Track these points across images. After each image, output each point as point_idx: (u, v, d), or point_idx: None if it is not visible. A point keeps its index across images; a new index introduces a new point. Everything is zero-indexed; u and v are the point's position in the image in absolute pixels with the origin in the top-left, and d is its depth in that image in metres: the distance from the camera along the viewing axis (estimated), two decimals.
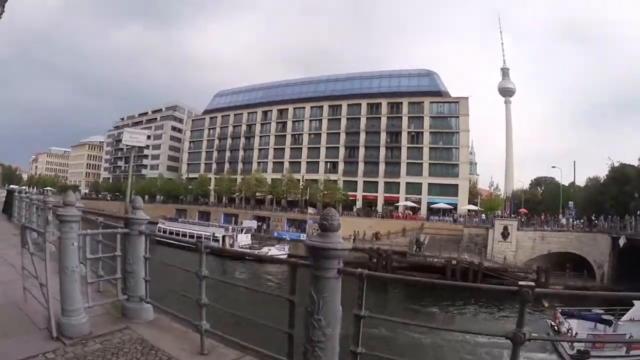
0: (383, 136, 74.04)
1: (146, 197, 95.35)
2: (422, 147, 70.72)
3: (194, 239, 49.26)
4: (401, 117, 73.07)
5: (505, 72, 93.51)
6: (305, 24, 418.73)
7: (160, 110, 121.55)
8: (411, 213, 64.65)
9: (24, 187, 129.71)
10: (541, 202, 74.91)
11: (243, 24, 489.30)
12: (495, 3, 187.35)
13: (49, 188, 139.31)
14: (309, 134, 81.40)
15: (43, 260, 4.74)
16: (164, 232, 57.06)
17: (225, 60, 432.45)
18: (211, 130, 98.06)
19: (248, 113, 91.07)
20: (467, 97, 70.81)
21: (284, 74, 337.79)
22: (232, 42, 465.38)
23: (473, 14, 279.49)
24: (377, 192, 72.66)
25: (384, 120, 74.02)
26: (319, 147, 79.26)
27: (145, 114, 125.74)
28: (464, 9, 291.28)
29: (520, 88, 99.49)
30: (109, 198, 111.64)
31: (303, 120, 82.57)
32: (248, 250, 48.23)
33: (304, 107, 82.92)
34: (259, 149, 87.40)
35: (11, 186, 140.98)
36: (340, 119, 78.20)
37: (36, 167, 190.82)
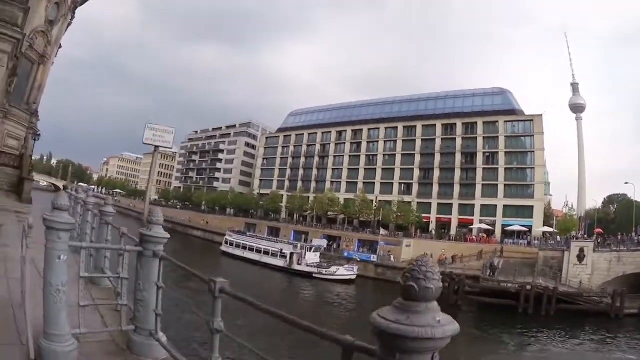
0: (458, 157, 74.77)
1: (217, 208, 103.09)
2: (498, 168, 71.12)
3: (260, 253, 54.94)
4: (476, 137, 73.60)
5: (575, 87, 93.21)
6: (375, 47, 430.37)
7: (234, 126, 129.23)
8: (485, 236, 64.98)
9: (92, 187, 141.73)
10: (613, 220, 73.68)
11: (317, 47, 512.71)
12: (560, 16, 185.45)
13: (118, 190, 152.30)
14: (384, 155, 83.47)
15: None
16: (231, 244, 62.16)
17: (298, 82, 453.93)
18: (285, 148, 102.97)
19: (322, 132, 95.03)
20: (541, 115, 70.51)
21: (355, 95, 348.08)
22: (305, 64, 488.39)
23: (537, 29, 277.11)
24: (451, 214, 73.42)
25: (459, 141, 74.87)
26: (394, 168, 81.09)
27: (220, 128, 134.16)
28: (527, 24, 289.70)
29: (589, 102, 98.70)
30: (178, 207, 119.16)
31: (377, 141, 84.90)
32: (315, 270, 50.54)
33: (379, 128, 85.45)
34: (333, 169, 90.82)
35: (80, 184, 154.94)
36: (415, 140, 79.76)
37: (107, 169, 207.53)
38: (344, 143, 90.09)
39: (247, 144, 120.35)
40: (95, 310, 5.39)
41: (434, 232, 70.65)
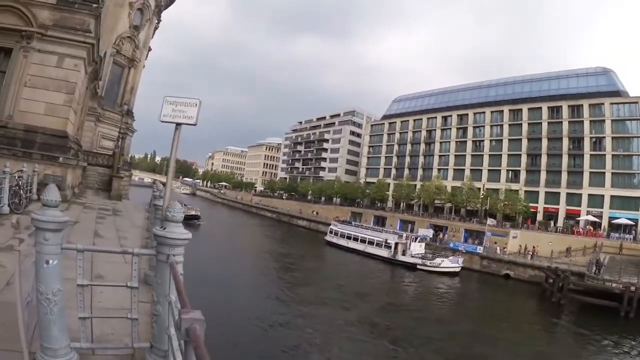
0: (565, 142, 74.15)
1: (323, 198, 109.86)
2: (605, 155, 69.72)
3: (365, 243, 59.81)
4: (582, 121, 71.96)
5: None
6: (477, 29, 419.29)
7: (338, 115, 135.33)
8: (592, 229, 63.99)
9: (197, 181, 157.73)
10: None
11: (416, 32, 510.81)
12: None
13: (223, 183, 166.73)
14: (490, 140, 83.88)
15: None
16: (335, 234, 66.47)
17: (400, 68, 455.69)
18: (390, 136, 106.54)
19: (427, 118, 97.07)
20: None
21: (457, 79, 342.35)
22: (406, 51, 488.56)
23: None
24: (558, 204, 73.07)
25: (565, 125, 74.28)
26: (501, 155, 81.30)
27: (324, 118, 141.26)
28: None
29: None
30: (284, 197, 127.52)
31: (484, 126, 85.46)
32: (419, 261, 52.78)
33: (484, 112, 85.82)
34: (440, 156, 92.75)
35: (185, 179, 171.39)
36: (521, 124, 79.27)
37: (212, 163, 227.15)
38: (450, 129, 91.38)
39: (352, 132, 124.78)
40: (106, 322, 5.16)
41: (539, 223, 70.60)
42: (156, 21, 47.91)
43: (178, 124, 7.49)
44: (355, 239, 62.32)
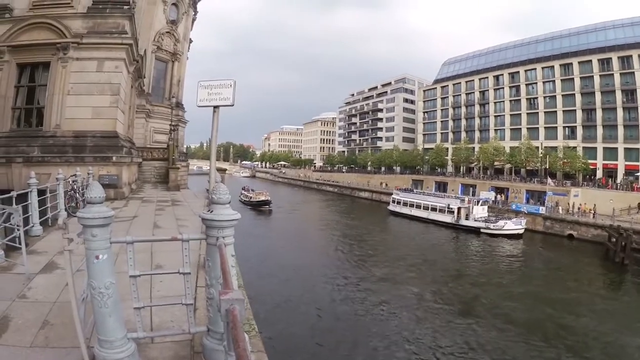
0: (618, 95, 72.59)
1: (383, 168, 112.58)
2: None
3: (428, 210, 62.40)
4: (633, 72, 70.12)
5: None
6: None
7: (390, 83, 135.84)
8: None
9: (255, 163, 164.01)
10: None
11: None
12: None
13: (282, 162, 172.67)
14: (544, 97, 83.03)
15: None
16: (398, 203, 68.44)
17: (443, 31, 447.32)
18: (444, 100, 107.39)
19: (479, 79, 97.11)
20: None
21: (504, 37, 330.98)
22: (448, 11, 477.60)
23: None
24: (617, 159, 72.25)
25: (617, 78, 72.63)
26: (555, 111, 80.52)
27: (375, 88, 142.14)
28: None
29: None
30: (343, 170, 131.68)
31: (536, 83, 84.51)
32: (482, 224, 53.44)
33: (535, 69, 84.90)
34: (495, 116, 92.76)
35: (244, 162, 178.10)
36: (572, 78, 78.10)
37: (269, 144, 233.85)
38: (502, 88, 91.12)
39: (405, 100, 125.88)
40: (167, 309, 5.60)
41: (598, 180, 69.91)
42: (193, 13, 49.47)
43: (215, 107, 7.79)
44: (418, 207, 63.96)
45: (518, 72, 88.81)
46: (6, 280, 7.61)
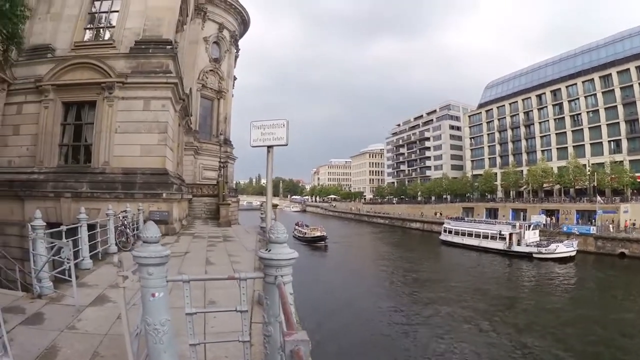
0: None
1: (433, 197, 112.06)
2: None
3: (480, 238, 61.41)
4: None
5: None
6: None
7: (435, 111, 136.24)
8: None
9: (305, 197, 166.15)
10: None
11: (490, 13, 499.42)
12: None
13: (332, 196, 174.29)
14: (587, 112, 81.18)
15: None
16: (449, 232, 67.55)
17: (482, 53, 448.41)
18: (489, 124, 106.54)
19: (522, 100, 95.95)
20: None
21: (542, 54, 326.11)
22: (484, 34, 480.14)
23: None
24: None
25: None
26: (600, 126, 78.53)
27: (421, 116, 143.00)
28: None
29: None
30: (394, 201, 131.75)
31: (578, 98, 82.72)
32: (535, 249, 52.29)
33: (575, 84, 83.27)
34: (541, 137, 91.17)
35: (294, 197, 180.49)
36: (613, 89, 76.03)
37: (318, 178, 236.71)
38: (546, 107, 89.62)
39: (451, 127, 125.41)
40: (220, 345, 5.72)
41: None
42: (235, 51, 51.59)
43: (269, 147, 7.87)
44: (470, 235, 63.32)
45: (559, 88, 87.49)
46: (55, 311, 7.95)
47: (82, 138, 22.45)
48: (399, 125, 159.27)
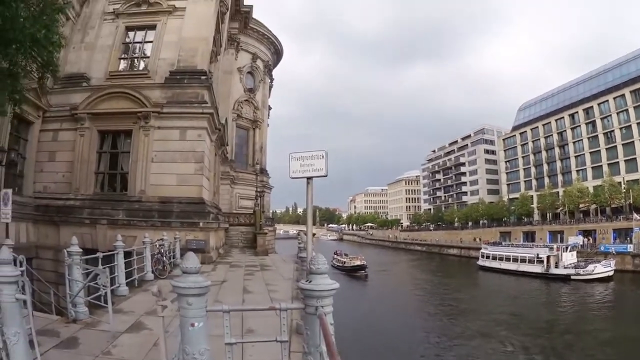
0: None
1: (469, 223, 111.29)
2: None
3: (517, 262, 60.78)
4: None
5: None
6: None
7: (469, 136, 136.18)
8: None
9: (342, 226, 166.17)
10: None
11: (518, 34, 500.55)
12: None
13: (369, 224, 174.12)
14: (620, 129, 79.62)
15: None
16: (487, 257, 66.83)
17: (512, 75, 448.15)
18: (523, 146, 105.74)
19: (555, 120, 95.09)
20: None
21: (572, 72, 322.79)
22: (513, 55, 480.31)
23: None
24: None
25: None
26: (633, 141, 76.75)
27: (455, 142, 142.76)
28: None
29: None
30: (431, 228, 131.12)
31: (610, 115, 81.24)
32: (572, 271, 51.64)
33: (607, 100, 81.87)
34: (575, 156, 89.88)
35: (330, 225, 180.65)
36: None
37: (354, 206, 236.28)
38: (579, 126, 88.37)
39: (487, 151, 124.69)
40: None
41: None
42: (269, 80, 52.19)
43: (309, 178, 7.85)
44: (507, 259, 62.66)
45: (592, 106, 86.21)
46: (90, 336, 8.02)
47: (118, 166, 23.02)
48: (434, 151, 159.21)
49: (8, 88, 10.86)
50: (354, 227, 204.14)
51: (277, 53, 53.40)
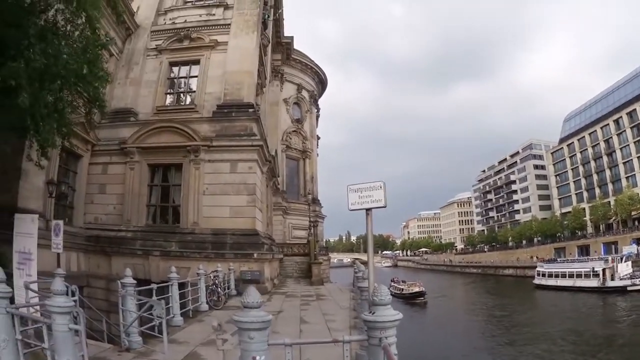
0: None
1: (524, 241, 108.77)
2: None
3: (573, 277, 59.49)
4: None
5: None
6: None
7: (517, 152, 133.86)
8: None
9: (396, 252, 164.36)
10: None
11: (556, 43, 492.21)
12: None
13: (423, 249, 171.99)
14: None
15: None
16: (542, 275, 65.69)
17: (554, 86, 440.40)
18: (572, 158, 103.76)
19: (601, 128, 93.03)
20: None
21: (612, 74, 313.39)
22: (554, 65, 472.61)
23: None
24: None
25: None
26: None
27: (504, 160, 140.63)
28: None
29: None
30: (485, 249, 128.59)
31: None
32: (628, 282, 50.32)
33: None
34: (623, 163, 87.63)
35: (384, 252, 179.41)
36: None
37: (408, 232, 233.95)
38: (624, 131, 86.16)
39: (536, 166, 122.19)
40: None
41: None
42: (315, 110, 52.67)
43: (368, 210, 7.84)
44: (563, 276, 61.81)
45: (635, 109, 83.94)
46: None
47: (169, 198, 23.53)
48: (483, 171, 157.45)
49: (55, 122, 11.34)
50: (408, 252, 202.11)
51: (322, 82, 54.14)
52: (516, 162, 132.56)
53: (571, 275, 59.96)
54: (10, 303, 5.89)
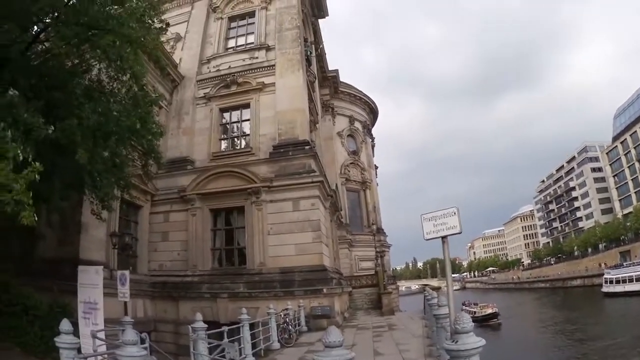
0: None
1: (589, 249, 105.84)
2: None
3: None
4: None
5: None
6: None
7: (573, 157, 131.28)
8: None
9: (464, 274, 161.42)
10: None
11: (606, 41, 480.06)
12: None
13: (490, 268, 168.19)
14: None
15: None
16: (610, 282, 64.27)
17: (597, 83, 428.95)
18: (627, 155, 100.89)
19: None
20: None
21: None
22: (604, 62, 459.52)
23: None
24: None
25: None
26: None
27: (562, 167, 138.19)
28: None
29: None
30: (552, 262, 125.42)
31: None
32: None
33: None
34: None
35: (452, 275, 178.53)
36: None
37: (474, 252, 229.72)
38: None
39: (593, 169, 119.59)
40: None
41: None
42: (370, 140, 52.92)
43: (444, 237, 7.86)
44: (630, 280, 60.44)
45: None
46: None
47: (234, 241, 23.81)
48: (542, 181, 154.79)
49: (114, 176, 12.07)
50: (476, 273, 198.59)
51: (373, 112, 54.33)
52: (573, 167, 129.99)
53: (638, 279, 58.54)
54: (77, 353, 6.55)
